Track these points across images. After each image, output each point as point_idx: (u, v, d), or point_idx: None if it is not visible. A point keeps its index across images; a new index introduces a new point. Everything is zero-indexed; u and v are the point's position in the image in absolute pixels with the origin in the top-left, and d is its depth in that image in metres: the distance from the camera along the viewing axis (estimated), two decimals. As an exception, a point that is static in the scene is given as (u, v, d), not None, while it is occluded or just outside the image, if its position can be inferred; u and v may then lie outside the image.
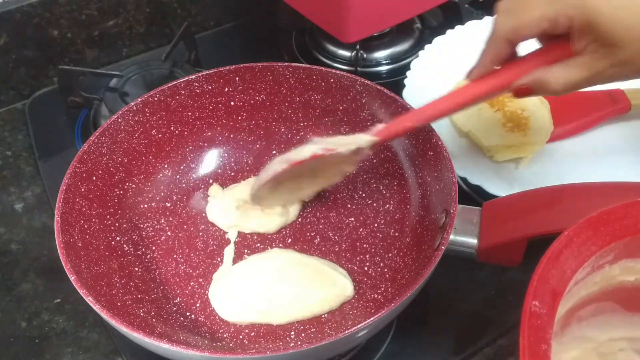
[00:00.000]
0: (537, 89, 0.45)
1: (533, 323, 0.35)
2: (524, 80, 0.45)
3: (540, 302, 0.36)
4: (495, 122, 0.64)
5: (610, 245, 0.39)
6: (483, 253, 0.48)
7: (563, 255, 0.38)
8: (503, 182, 0.59)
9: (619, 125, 0.67)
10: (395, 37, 0.80)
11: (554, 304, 0.36)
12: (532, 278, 0.37)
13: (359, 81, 0.59)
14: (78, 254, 0.48)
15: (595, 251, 0.39)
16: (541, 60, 0.45)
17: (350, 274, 0.53)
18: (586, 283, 0.41)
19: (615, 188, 0.49)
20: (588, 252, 0.39)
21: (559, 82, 0.43)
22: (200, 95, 0.60)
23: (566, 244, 0.38)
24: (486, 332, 0.53)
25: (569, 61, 0.43)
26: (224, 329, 0.50)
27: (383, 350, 0.52)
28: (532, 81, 0.45)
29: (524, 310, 0.35)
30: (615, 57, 0.41)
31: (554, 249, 0.38)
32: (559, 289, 0.37)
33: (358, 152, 0.51)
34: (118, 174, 0.56)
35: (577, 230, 0.39)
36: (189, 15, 0.83)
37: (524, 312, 0.35)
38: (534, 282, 0.36)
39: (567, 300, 0.41)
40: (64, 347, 0.52)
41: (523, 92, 0.46)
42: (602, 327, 0.45)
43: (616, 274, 0.42)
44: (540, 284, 0.36)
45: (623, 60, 0.41)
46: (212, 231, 0.58)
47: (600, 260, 0.40)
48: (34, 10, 0.71)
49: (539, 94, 0.46)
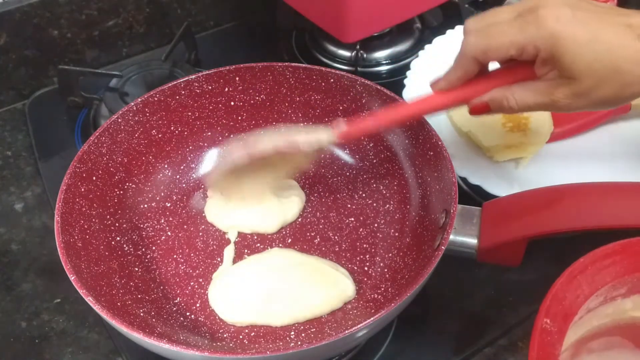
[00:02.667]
0: (494, 107, 0.47)
1: (543, 339, 0.36)
2: (484, 98, 0.47)
3: (552, 321, 0.37)
4: (495, 122, 0.64)
5: (624, 278, 0.40)
6: (483, 253, 0.48)
7: (577, 280, 0.39)
8: (503, 182, 0.59)
9: (619, 125, 0.67)
10: (395, 37, 0.80)
11: (564, 324, 0.38)
12: (546, 297, 0.38)
13: (359, 81, 0.59)
14: (78, 254, 0.48)
15: (609, 281, 0.40)
16: (503, 80, 0.47)
17: (350, 274, 0.53)
18: (598, 313, 0.42)
19: (615, 188, 0.49)
20: (602, 282, 0.40)
21: (516, 102, 0.45)
22: (200, 95, 0.60)
23: (581, 269, 0.40)
24: (486, 332, 0.53)
25: (528, 84, 0.45)
26: (224, 329, 0.50)
27: (383, 350, 0.52)
28: (491, 99, 0.46)
29: (535, 325, 0.37)
30: (572, 88, 0.43)
31: (568, 273, 0.39)
32: (570, 311, 0.38)
33: (317, 150, 0.51)
34: (118, 174, 0.56)
35: (593, 257, 0.40)
36: (189, 15, 0.83)
37: (535, 328, 0.36)
38: (547, 301, 0.38)
39: (578, 328, 0.42)
40: (64, 347, 0.52)
41: (480, 110, 0.47)
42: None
43: (628, 309, 0.43)
44: (553, 304, 0.38)
45: (579, 92, 0.43)
46: (212, 231, 0.58)
47: (613, 292, 0.41)
48: (34, 10, 0.71)
49: (496, 111, 0.47)
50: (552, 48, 0.42)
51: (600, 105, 0.44)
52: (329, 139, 0.50)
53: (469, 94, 0.47)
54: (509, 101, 0.45)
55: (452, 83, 0.47)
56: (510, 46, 0.43)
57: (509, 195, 0.52)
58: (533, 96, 0.45)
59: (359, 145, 0.62)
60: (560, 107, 0.44)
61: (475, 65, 0.46)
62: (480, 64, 0.46)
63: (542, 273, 0.54)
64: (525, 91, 0.45)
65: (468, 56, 0.46)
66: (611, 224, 0.46)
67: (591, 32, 0.41)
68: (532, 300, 0.54)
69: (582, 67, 0.42)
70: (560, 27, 0.41)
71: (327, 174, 0.62)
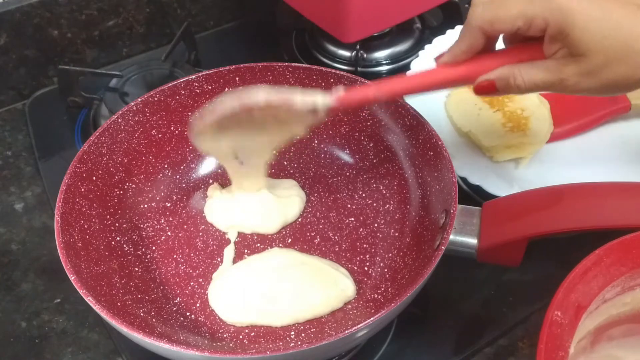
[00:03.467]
0: (500, 86, 0.45)
1: (553, 331, 0.36)
2: (490, 76, 0.45)
3: (563, 313, 0.37)
4: (495, 122, 0.64)
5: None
6: (483, 253, 0.48)
7: (591, 272, 0.39)
8: (503, 182, 0.59)
9: (619, 125, 0.67)
10: (395, 37, 0.80)
11: (576, 316, 0.37)
12: (558, 290, 0.38)
13: (359, 81, 0.59)
14: (78, 254, 0.48)
15: (625, 272, 0.40)
16: (510, 58, 0.45)
17: (350, 274, 0.53)
18: (616, 302, 0.42)
19: (615, 188, 0.49)
20: (617, 273, 0.40)
21: (523, 80, 0.44)
22: (200, 95, 0.60)
23: (595, 261, 0.39)
24: (486, 332, 0.53)
25: (537, 62, 0.44)
26: (224, 329, 0.50)
27: (383, 350, 0.52)
28: (497, 77, 0.45)
29: (545, 318, 0.36)
30: (581, 66, 0.42)
31: (582, 266, 0.39)
32: (583, 303, 0.38)
33: (313, 114, 0.49)
34: (118, 174, 0.57)
35: (608, 250, 0.40)
36: (189, 15, 0.83)
37: (546, 320, 0.36)
38: (559, 294, 0.38)
39: (596, 317, 0.41)
40: (64, 347, 0.52)
41: (486, 89, 0.46)
42: (634, 348, 0.45)
43: None
44: (565, 296, 0.38)
45: (588, 70, 0.42)
46: (212, 231, 0.58)
47: (630, 282, 0.41)
48: (34, 10, 0.71)
49: (502, 91, 0.46)
50: (561, 22, 0.41)
51: (611, 87, 0.43)
52: (325, 101, 0.48)
53: (474, 69, 0.46)
54: (515, 79, 0.44)
55: (457, 56, 0.46)
56: (518, 17, 0.42)
57: (509, 195, 0.52)
58: (541, 74, 0.43)
59: (359, 145, 0.62)
60: (568, 86, 0.43)
61: (481, 37, 0.45)
62: (487, 37, 0.45)
63: (542, 273, 0.55)
64: (533, 69, 0.44)
65: (474, 27, 0.44)
66: (611, 224, 0.46)
67: (601, 9, 0.41)
68: (532, 300, 0.54)
69: (591, 43, 0.41)
70: (570, 1, 0.41)
71: (327, 174, 0.62)
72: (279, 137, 0.53)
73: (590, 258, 0.39)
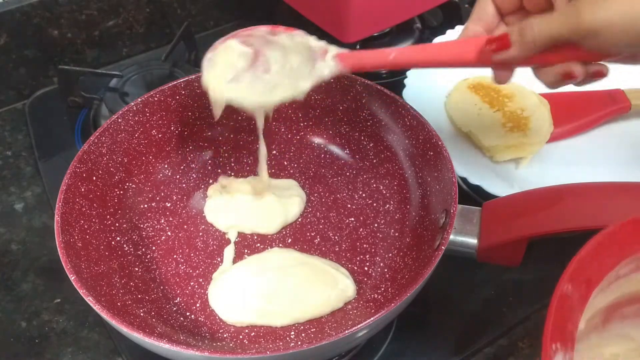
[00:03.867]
0: (515, 39, 0.43)
1: (562, 303, 0.35)
2: (505, 28, 0.44)
3: (573, 287, 0.36)
4: (495, 122, 0.64)
5: None
6: (483, 253, 0.48)
7: (604, 247, 0.38)
8: (503, 182, 0.59)
9: (619, 125, 0.67)
10: (395, 37, 0.80)
11: (587, 291, 0.36)
12: (569, 265, 0.37)
13: (359, 81, 0.59)
14: (78, 254, 0.48)
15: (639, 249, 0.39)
16: None
17: (350, 274, 0.53)
18: (630, 280, 0.41)
19: (615, 188, 0.49)
20: (631, 250, 0.39)
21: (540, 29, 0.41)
22: (200, 95, 0.60)
23: (609, 237, 0.38)
24: (486, 332, 0.53)
25: (548, 14, 0.42)
26: (224, 329, 0.50)
27: (383, 350, 0.52)
28: (511, 29, 0.43)
29: (555, 291, 0.35)
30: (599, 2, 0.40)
31: (594, 242, 0.38)
32: (594, 278, 0.37)
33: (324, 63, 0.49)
34: (118, 174, 0.56)
35: (622, 227, 0.39)
36: (189, 15, 0.83)
37: (555, 293, 0.35)
38: (570, 269, 0.36)
39: (608, 294, 0.41)
40: (64, 347, 0.52)
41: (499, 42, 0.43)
42: None
43: None
44: (576, 271, 0.36)
45: None
46: (212, 231, 0.58)
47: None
48: (34, 10, 0.71)
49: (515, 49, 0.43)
50: None
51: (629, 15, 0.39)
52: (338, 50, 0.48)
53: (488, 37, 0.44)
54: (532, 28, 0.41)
55: (470, 29, 0.45)
56: None
57: (509, 195, 0.52)
58: (557, 21, 0.41)
59: (359, 145, 0.62)
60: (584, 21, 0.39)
61: (491, 5, 0.44)
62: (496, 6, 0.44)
63: (542, 273, 0.55)
64: (546, 17, 0.41)
65: None
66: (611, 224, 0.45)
67: None
68: (532, 300, 0.54)
69: None
70: None
71: (327, 174, 0.62)
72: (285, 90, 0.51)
73: (604, 233, 0.38)
